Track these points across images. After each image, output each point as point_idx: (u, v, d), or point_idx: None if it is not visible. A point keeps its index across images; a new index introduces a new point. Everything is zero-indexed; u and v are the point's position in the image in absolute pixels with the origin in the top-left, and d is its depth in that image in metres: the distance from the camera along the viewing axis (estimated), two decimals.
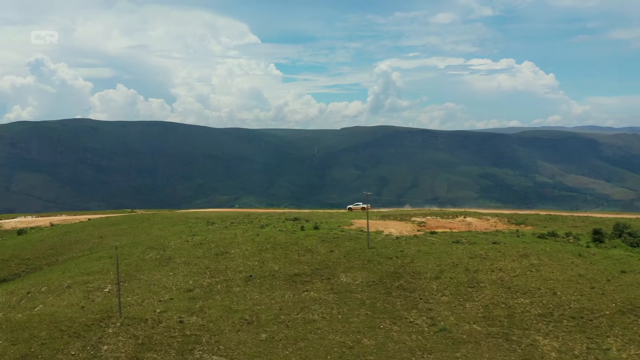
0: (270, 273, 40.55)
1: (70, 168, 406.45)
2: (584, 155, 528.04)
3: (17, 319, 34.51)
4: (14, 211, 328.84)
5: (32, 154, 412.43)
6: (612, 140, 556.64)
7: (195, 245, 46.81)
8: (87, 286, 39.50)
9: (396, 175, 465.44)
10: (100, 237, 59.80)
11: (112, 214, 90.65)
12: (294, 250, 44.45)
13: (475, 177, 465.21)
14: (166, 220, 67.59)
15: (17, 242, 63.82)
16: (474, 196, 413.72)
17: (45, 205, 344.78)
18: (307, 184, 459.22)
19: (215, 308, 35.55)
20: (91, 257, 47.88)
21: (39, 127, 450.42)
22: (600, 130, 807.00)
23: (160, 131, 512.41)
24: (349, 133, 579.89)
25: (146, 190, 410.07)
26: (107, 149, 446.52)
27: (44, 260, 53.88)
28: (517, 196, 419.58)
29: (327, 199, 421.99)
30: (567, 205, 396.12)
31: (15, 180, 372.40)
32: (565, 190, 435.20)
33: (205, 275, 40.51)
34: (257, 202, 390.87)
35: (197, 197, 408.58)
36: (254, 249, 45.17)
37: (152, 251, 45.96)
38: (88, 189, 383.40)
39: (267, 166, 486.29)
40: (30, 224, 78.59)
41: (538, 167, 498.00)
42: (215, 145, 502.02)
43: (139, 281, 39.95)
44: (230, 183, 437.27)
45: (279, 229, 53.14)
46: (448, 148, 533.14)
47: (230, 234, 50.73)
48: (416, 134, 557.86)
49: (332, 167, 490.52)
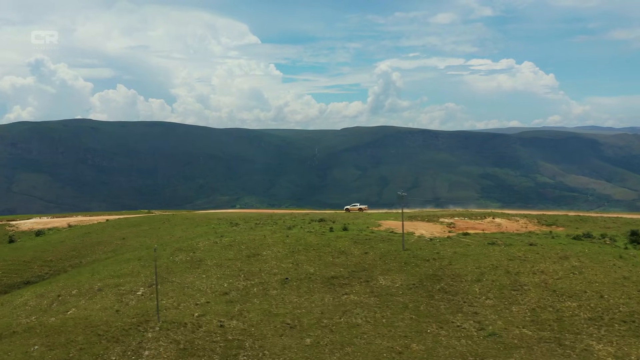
0: (306, 275, 39.68)
1: (71, 168, 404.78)
2: (584, 156, 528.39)
3: (51, 323, 33.63)
4: (15, 212, 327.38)
5: (32, 155, 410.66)
6: (613, 141, 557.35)
7: (224, 247, 45.87)
8: (119, 289, 38.62)
9: (397, 175, 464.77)
10: (123, 238, 59.05)
11: (129, 214, 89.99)
12: (327, 252, 43.54)
13: (476, 177, 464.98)
14: (187, 221, 66.73)
15: (36, 243, 63.38)
16: (475, 196, 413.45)
17: (47, 205, 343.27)
18: (308, 184, 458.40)
19: (254, 312, 34.68)
20: (118, 259, 46.98)
21: (39, 128, 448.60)
22: (601, 130, 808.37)
23: (160, 131, 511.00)
24: (349, 133, 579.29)
25: (147, 191, 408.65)
26: (107, 149, 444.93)
27: (67, 262, 53.10)
28: (518, 196, 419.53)
29: (328, 199, 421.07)
30: (569, 205, 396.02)
31: (16, 180, 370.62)
32: (566, 190, 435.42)
33: (240, 278, 39.62)
34: (258, 203, 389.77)
35: (198, 197, 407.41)
36: (285, 250, 44.29)
37: (181, 253, 45.03)
38: (89, 189, 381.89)
39: (268, 166, 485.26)
40: (46, 225, 78.00)
41: (539, 168, 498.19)
42: (216, 146, 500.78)
43: (172, 284, 39.06)
44: (231, 183, 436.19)
45: (307, 230, 52.22)
46: (449, 148, 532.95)
47: (258, 235, 49.81)
48: (417, 134, 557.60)
49: (333, 167, 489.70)
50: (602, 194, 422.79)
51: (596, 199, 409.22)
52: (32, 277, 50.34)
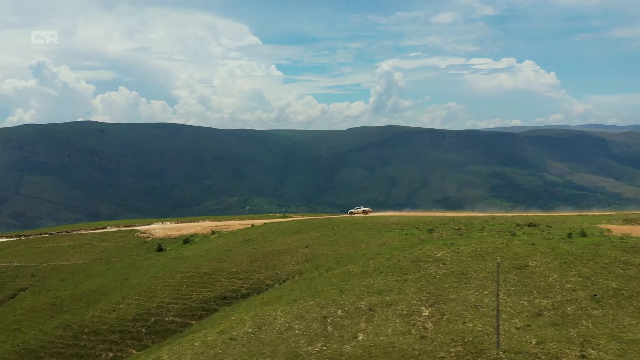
0: (614, 291, 34.34)
1: (78, 171, 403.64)
2: (592, 154, 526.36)
3: (352, 352, 28.57)
4: (25, 214, 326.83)
5: (40, 157, 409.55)
6: (620, 139, 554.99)
7: (473, 257, 39.53)
8: (394, 309, 32.78)
9: (405, 175, 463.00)
10: (306, 246, 54.19)
11: (268, 219, 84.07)
12: (608, 263, 38.41)
13: (485, 176, 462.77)
14: (360, 226, 61.10)
15: (195, 252, 60.02)
16: (484, 196, 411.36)
17: (56, 208, 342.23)
18: (316, 185, 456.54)
19: (603, 337, 28.01)
20: (350, 272, 40.98)
21: (46, 130, 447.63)
22: (605, 128, 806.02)
23: (166, 133, 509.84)
24: (355, 133, 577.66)
25: (155, 193, 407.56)
26: (114, 151, 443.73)
27: (260, 274, 48.18)
28: (528, 195, 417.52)
29: (336, 200, 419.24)
30: (579, 204, 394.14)
31: (25, 183, 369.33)
32: (575, 189, 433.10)
33: (533, 295, 33.41)
34: (267, 204, 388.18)
35: (207, 198, 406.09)
36: (554, 261, 38.03)
37: (429, 265, 39.07)
38: (97, 191, 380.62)
39: (275, 167, 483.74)
40: (180, 230, 75.21)
41: (546, 166, 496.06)
42: (222, 147, 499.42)
43: (455, 302, 32.98)
44: (239, 184, 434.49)
45: (543, 237, 45.59)
46: (456, 148, 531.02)
47: (494, 242, 43.29)
48: (424, 133, 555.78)
49: (340, 167, 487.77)
50: (612, 192, 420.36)
51: (607, 198, 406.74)
52: (227, 292, 46.00)
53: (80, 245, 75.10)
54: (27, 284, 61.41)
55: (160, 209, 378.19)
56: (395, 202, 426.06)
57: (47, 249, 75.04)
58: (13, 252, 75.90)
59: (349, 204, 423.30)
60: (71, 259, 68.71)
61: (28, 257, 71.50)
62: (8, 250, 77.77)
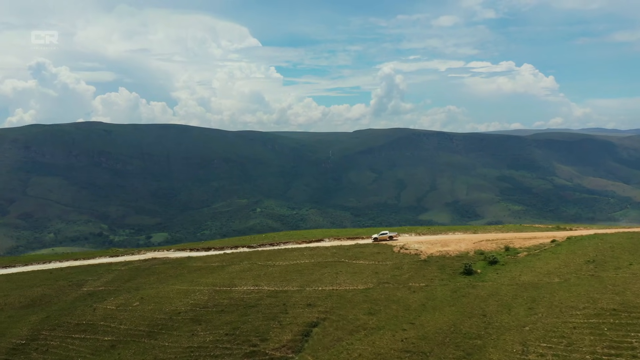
0: None
1: (85, 172, 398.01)
2: (600, 157, 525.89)
3: None
4: (33, 216, 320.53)
5: (46, 158, 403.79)
6: (628, 142, 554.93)
7: None
8: None
9: (414, 178, 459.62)
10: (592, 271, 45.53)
11: (557, 231, 69.49)
12: None
13: (494, 179, 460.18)
14: None
15: (535, 277, 46.46)
16: (495, 199, 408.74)
17: (64, 209, 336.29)
18: (324, 187, 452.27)
19: None
20: None
21: (52, 130, 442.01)
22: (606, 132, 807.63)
23: (173, 134, 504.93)
24: (362, 136, 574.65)
25: (162, 194, 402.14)
26: (121, 152, 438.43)
27: None
28: (538, 199, 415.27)
29: (345, 202, 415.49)
30: (591, 208, 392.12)
31: (31, 184, 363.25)
32: (585, 192, 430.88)
33: None
34: (277, 206, 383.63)
35: (215, 200, 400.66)
36: None
37: None
38: (105, 192, 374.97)
39: (283, 169, 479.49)
40: (445, 246, 59.77)
41: (555, 169, 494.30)
42: (229, 149, 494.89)
43: None
44: (247, 186, 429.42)
45: None
46: (464, 150, 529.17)
47: None
48: (431, 136, 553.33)
49: (348, 169, 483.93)
50: (622, 196, 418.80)
51: (618, 201, 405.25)
52: None
53: (332, 264, 57.80)
54: (312, 317, 44.04)
55: (168, 211, 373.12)
56: (405, 206, 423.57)
57: (285, 267, 58.53)
58: (242, 270, 59.35)
59: (359, 206, 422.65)
60: (340, 282, 51.56)
61: (271, 278, 54.84)
62: (230, 268, 60.59)
